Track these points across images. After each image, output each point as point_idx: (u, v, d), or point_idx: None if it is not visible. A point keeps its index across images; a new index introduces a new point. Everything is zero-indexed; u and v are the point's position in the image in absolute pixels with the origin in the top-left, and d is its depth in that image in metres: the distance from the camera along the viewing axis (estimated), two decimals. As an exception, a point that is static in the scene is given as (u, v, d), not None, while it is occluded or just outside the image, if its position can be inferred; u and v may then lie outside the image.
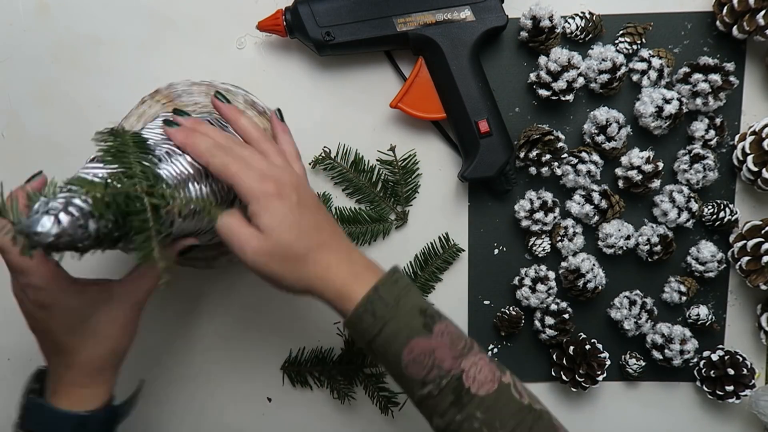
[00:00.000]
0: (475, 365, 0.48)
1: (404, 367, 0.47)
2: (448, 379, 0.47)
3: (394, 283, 0.49)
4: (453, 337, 0.49)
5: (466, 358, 0.48)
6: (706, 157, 0.63)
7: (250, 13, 0.65)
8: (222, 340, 0.71)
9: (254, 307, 0.70)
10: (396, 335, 0.47)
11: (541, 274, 0.66)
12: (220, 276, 0.69)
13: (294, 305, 0.70)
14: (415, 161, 0.66)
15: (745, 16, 0.59)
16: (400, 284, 0.49)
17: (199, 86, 0.61)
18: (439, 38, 0.60)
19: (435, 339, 0.48)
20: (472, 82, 0.61)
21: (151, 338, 0.70)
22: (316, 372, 0.70)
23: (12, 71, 0.67)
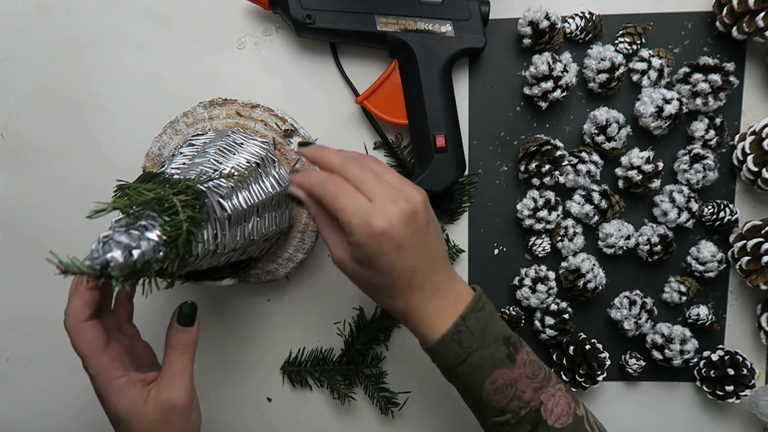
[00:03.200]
0: (553, 397, 0.50)
1: (485, 395, 0.49)
2: (527, 410, 0.48)
3: (480, 311, 0.49)
4: (534, 366, 0.50)
5: (546, 389, 0.50)
6: (706, 157, 0.63)
7: (250, 13, 0.65)
8: (222, 341, 0.71)
9: (254, 307, 0.70)
10: (480, 365, 0.48)
11: (541, 274, 0.66)
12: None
13: (294, 306, 0.70)
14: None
15: (745, 18, 0.59)
16: (486, 311, 0.50)
17: (220, 108, 0.62)
18: (416, 46, 0.61)
19: (517, 369, 0.49)
20: (438, 96, 0.61)
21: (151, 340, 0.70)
22: (315, 372, 0.70)
23: (12, 71, 0.67)
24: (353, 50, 0.65)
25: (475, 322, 0.48)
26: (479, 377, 0.48)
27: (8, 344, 0.73)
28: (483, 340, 0.48)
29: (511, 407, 0.48)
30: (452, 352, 0.48)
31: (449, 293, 0.50)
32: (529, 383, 0.49)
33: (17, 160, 0.68)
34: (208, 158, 0.52)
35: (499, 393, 0.48)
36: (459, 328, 0.48)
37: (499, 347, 0.49)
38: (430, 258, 0.49)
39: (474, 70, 0.65)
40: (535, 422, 0.49)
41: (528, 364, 0.50)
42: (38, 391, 0.73)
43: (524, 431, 0.49)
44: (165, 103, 0.67)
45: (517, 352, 0.50)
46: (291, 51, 0.66)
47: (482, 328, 0.49)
